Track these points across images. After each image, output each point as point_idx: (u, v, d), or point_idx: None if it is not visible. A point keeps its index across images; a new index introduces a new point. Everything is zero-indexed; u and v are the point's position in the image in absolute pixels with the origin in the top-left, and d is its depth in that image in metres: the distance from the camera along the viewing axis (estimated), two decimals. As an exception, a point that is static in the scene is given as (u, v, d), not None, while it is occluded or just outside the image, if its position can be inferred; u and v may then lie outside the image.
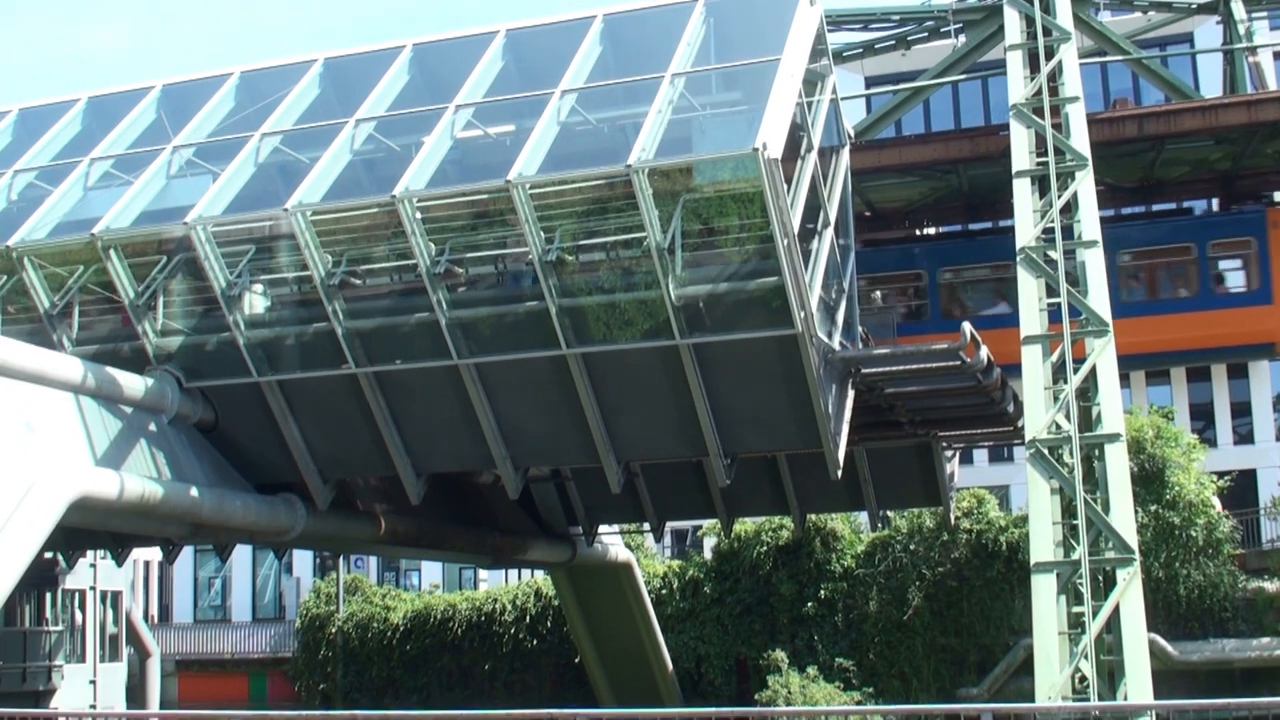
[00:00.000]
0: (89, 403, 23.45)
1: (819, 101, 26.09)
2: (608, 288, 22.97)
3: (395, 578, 64.81)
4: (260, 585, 66.80)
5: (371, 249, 24.41)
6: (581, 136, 24.23)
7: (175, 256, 25.04)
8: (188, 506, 24.16)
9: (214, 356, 25.26)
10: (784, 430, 24.60)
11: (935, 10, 35.84)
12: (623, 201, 22.02)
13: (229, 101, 28.01)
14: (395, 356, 24.38)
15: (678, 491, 34.92)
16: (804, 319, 22.02)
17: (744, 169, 21.34)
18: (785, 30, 24.08)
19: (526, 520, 36.59)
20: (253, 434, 26.01)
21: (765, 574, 49.94)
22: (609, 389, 23.88)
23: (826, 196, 25.85)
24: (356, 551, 50.72)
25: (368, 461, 26.46)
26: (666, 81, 23.32)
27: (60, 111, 30.01)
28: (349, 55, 28.28)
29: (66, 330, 25.78)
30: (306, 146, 25.52)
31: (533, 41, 26.73)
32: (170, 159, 26.62)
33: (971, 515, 48.55)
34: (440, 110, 24.67)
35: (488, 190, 22.78)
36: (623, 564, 42.50)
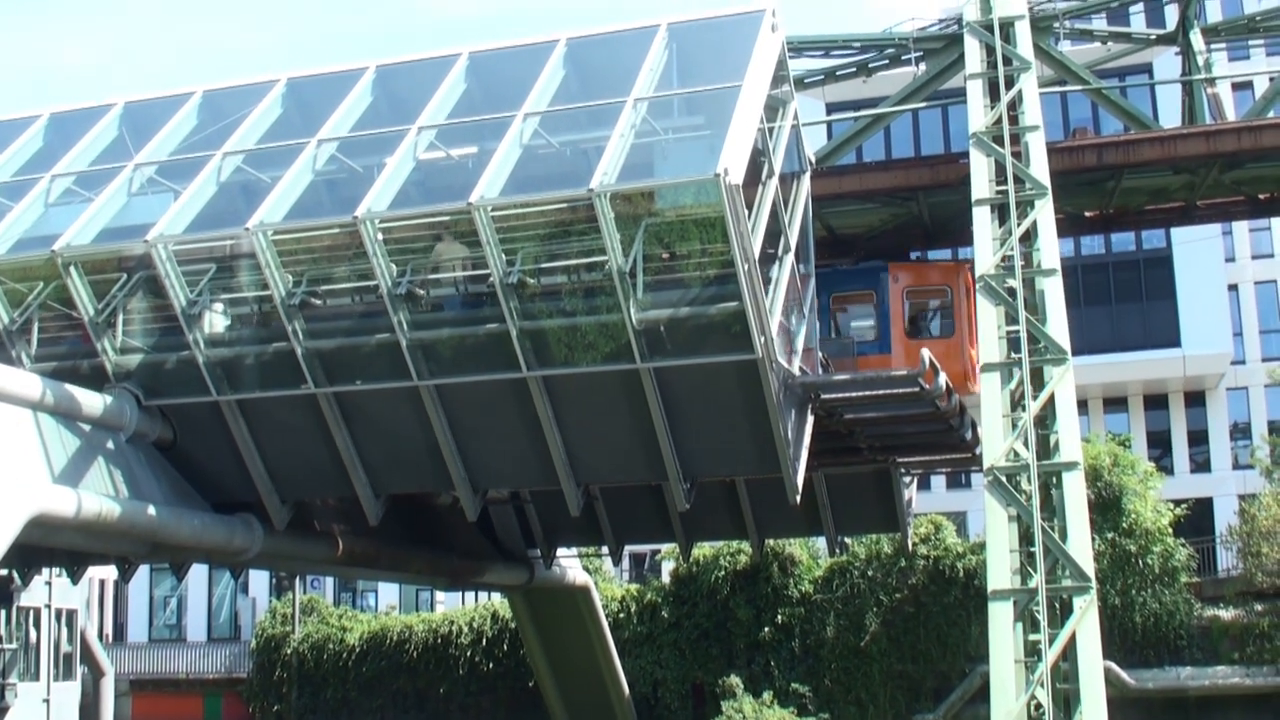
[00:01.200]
0: (47, 420, 23.32)
1: (780, 127, 26.20)
2: (569, 310, 22.98)
3: (352, 598, 64.68)
4: (216, 605, 66.59)
5: (333, 269, 24.36)
6: (544, 159, 24.28)
7: (135, 274, 24.92)
8: (145, 525, 24.03)
9: (173, 375, 25.16)
10: (743, 455, 24.64)
11: (896, 38, 35.97)
12: (585, 225, 22.04)
13: (191, 120, 27.92)
14: (355, 377, 24.33)
15: (637, 515, 34.94)
16: (764, 344, 22.08)
17: (705, 194, 21.40)
18: (747, 56, 24.19)
19: (484, 543, 36.55)
20: (211, 453, 25.90)
21: (723, 599, 50.11)
22: (569, 412, 23.87)
23: (787, 222, 25.94)
24: (313, 572, 50.57)
25: (326, 482, 26.37)
26: (629, 106, 23.39)
27: (21, 127, 29.83)
28: (312, 76, 28.24)
29: (25, 346, 25.63)
30: (268, 166, 25.47)
31: (496, 64, 26.73)
32: (132, 176, 26.51)
33: (929, 541, 48.88)
34: (403, 132, 24.66)
35: (450, 212, 22.76)
36: (580, 587, 42.47)
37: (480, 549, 36.18)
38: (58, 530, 22.78)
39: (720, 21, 26.25)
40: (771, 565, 49.80)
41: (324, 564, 31.65)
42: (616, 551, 37.82)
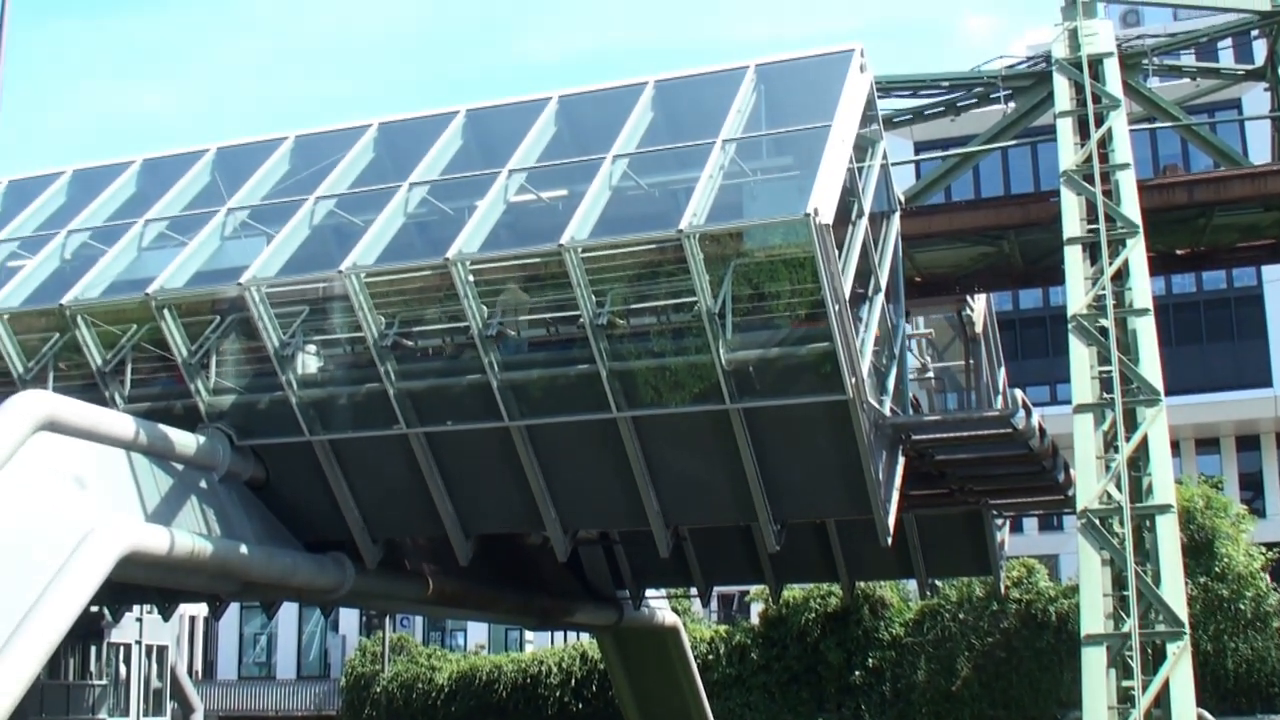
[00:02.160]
0: (140, 459, 23.61)
1: (870, 167, 26.16)
2: (658, 351, 22.99)
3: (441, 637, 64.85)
4: (305, 642, 66.97)
5: (424, 310, 24.55)
6: (633, 201, 24.34)
7: (229, 316, 25.22)
8: (237, 563, 24.25)
9: (266, 415, 25.42)
10: (834, 496, 24.51)
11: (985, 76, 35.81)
12: (674, 265, 22.07)
13: (284, 164, 28.28)
14: (446, 417, 24.46)
15: (726, 556, 34.81)
16: (855, 385, 21.96)
17: (795, 234, 21.37)
18: (836, 96, 24.19)
19: (574, 583, 36.55)
20: (303, 492, 26.12)
21: (813, 641, 49.77)
22: (659, 453, 23.86)
23: (877, 262, 25.87)
24: (403, 611, 50.78)
25: (417, 521, 26.50)
26: (718, 147, 23.42)
27: (114, 173, 30.34)
28: (403, 120, 28.54)
29: (119, 388, 25.98)
30: (361, 209, 25.72)
31: (585, 107, 26.91)
32: (225, 220, 26.87)
33: (1021, 585, 48.35)
34: (494, 175, 24.84)
35: (540, 254, 22.89)
36: (669, 628, 42.34)
37: (569, 589, 36.18)
38: (150, 568, 22.99)
39: (808, 62, 26.30)
40: (862, 608, 49.44)
41: (414, 603, 31.76)
42: (705, 593, 37.69)
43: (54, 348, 26.56)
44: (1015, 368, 46.21)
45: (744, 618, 58.67)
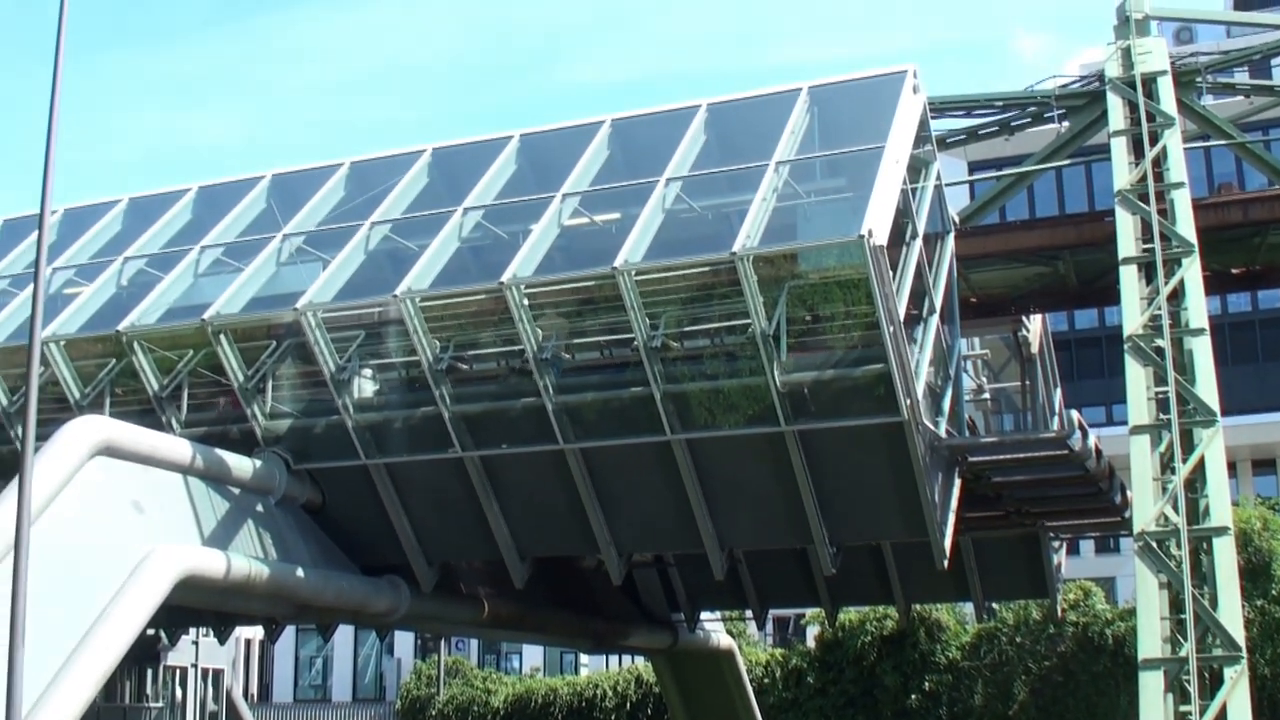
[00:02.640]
0: (197, 484, 23.76)
1: (923, 188, 26.10)
2: (712, 374, 23.00)
3: (496, 660, 64.85)
4: (361, 665, 67.09)
5: (479, 334, 24.64)
6: (686, 223, 24.36)
7: (285, 341, 25.40)
8: (293, 586, 24.36)
9: (322, 439, 25.54)
10: (890, 519, 24.41)
11: (1038, 96, 35.64)
12: (727, 288, 22.07)
13: (339, 191, 28.48)
14: (501, 441, 24.52)
15: (781, 578, 34.75)
16: (910, 406, 21.88)
17: (849, 255, 21.32)
18: (889, 117, 24.16)
19: (628, 605, 36.52)
20: (359, 516, 26.22)
21: (869, 664, 49.45)
22: (713, 475, 23.84)
23: (932, 283, 25.79)
24: (459, 633, 50.86)
25: (472, 545, 26.55)
26: (771, 169, 23.43)
27: (171, 200, 30.62)
28: (457, 145, 28.68)
29: (175, 412, 26.17)
30: (415, 234, 25.84)
31: (637, 130, 26.96)
32: (280, 246, 27.04)
33: (1078, 608, 47.94)
34: (547, 199, 24.92)
35: (594, 277, 22.92)
36: (725, 651, 42.22)
37: (624, 612, 36.15)
38: (206, 591, 23.16)
39: (861, 84, 26.27)
40: (919, 631, 49.12)
41: (469, 625, 31.82)
42: (761, 615, 37.60)
43: (111, 373, 26.80)
44: (1071, 388, 45.95)
45: (800, 641, 58.41)
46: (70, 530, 20.47)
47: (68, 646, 19.22)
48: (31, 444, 16.85)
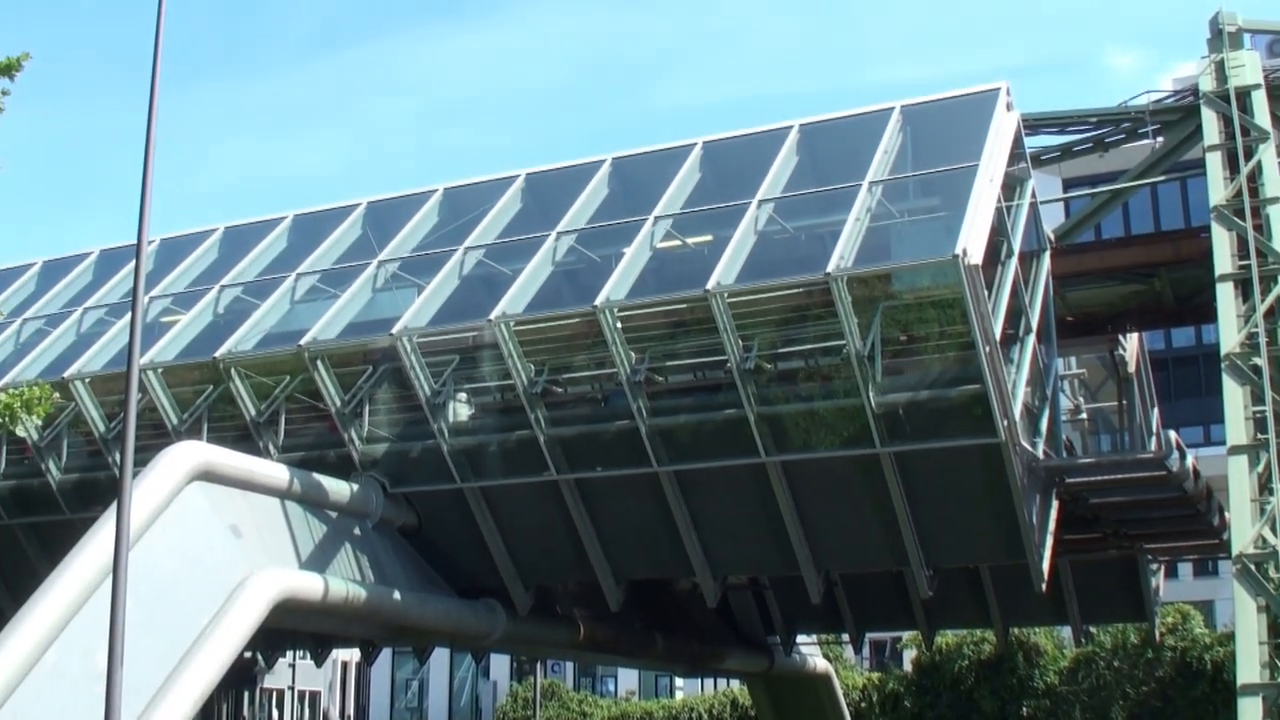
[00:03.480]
0: (294, 507, 23.94)
1: (1018, 205, 25.88)
2: (806, 395, 22.91)
3: (591, 683, 64.82)
4: (457, 688, 67.23)
5: (573, 357, 24.69)
6: (779, 245, 24.31)
7: (381, 366, 25.57)
8: (390, 609, 24.49)
9: (418, 463, 25.69)
10: (987, 541, 24.20)
11: (1132, 111, 35.25)
12: (821, 309, 22.00)
13: (433, 217, 28.68)
14: (596, 463, 24.54)
15: (878, 601, 34.51)
16: (1007, 427, 21.67)
17: (944, 275, 21.17)
18: (983, 135, 24.01)
19: (724, 628, 36.42)
20: (455, 539, 26.33)
21: (967, 689, 48.90)
22: (809, 497, 23.74)
23: (1028, 302, 25.57)
24: (555, 656, 50.95)
25: (568, 567, 26.60)
26: (864, 189, 23.34)
27: (267, 229, 30.98)
28: (549, 170, 28.84)
29: (272, 437, 26.41)
30: (509, 259, 25.98)
31: (730, 152, 26.98)
32: (376, 272, 27.25)
33: (1176, 632, 47.15)
34: (640, 222, 24.98)
35: (687, 299, 22.91)
36: (821, 675, 42.02)
37: (720, 635, 36.06)
38: (304, 614, 23.34)
39: (954, 102, 26.13)
40: (1016, 655, 48.56)
41: (565, 648, 31.86)
42: (857, 638, 37.37)
43: (208, 399, 27.12)
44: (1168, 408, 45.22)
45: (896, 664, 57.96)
46: (168, 554, 20.71)
47: (166, 669, 19.46)
48: (130, 469, 17.06)
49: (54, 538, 28.86)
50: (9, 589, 30.87)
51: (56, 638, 18.56)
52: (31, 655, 18.19)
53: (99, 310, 30.84)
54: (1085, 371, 35.63)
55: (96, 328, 30.14)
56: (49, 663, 18.35)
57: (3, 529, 30.62)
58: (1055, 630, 49.04)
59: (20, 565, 30.28)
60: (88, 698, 17.89)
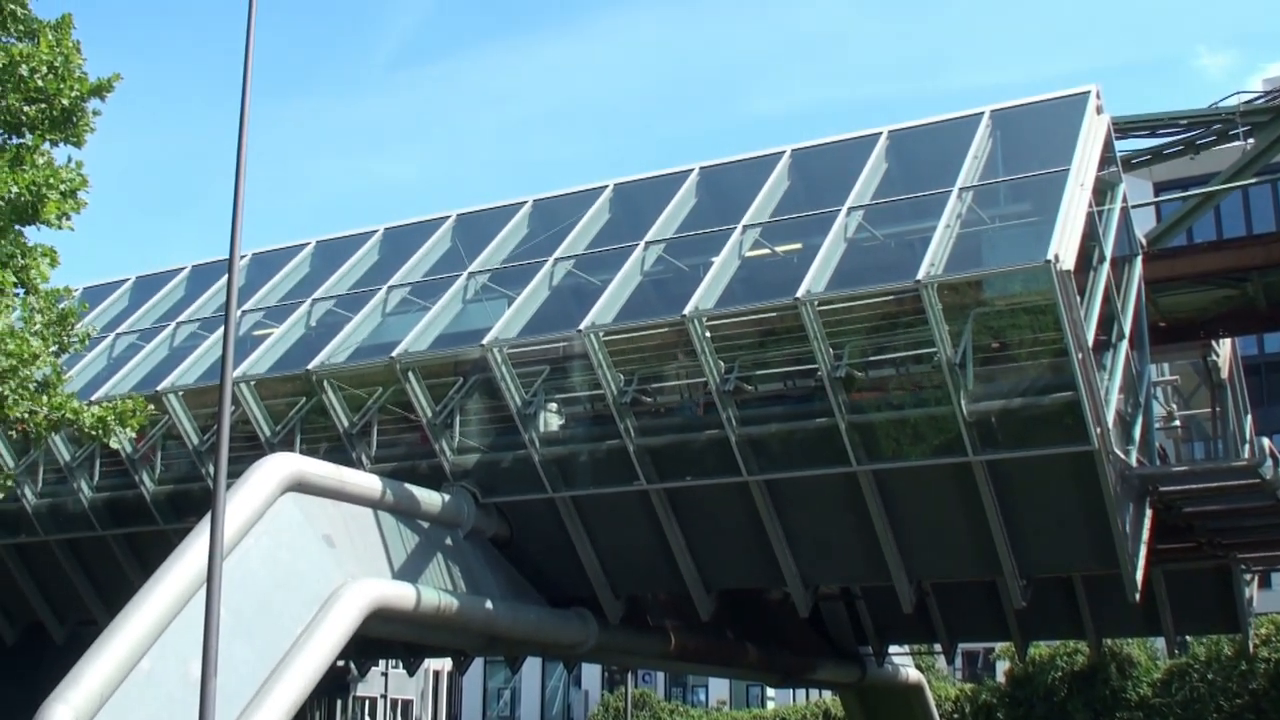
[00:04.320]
0: (387, 518, 24.10)
1: (1110, 210, 25.66)
2: (898, 404, 22.80)
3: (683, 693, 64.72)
4: (549, 697, 67.32)
5: (662, 367, 24.72)
6: (869, 252, 24.22)
7: (472, 377, 25.72)
8: (483, 619, 24.61)
9: (509, 473, 25.79)
10: (1080, 550, 23.92)
11: (1223, 113, 34.88)
12: (912, 316, 21.90)
13: (522, 228, 28.84)
14: (686, 473, 24.55)
15: (971, 611, 34.26)
16: (1100, 435, 21.47)
17: (1036, 282, 21.02)
18: (1073, 139, 23.82)
19: (816, 638, 36.30)
20: (546, 549, 26.41)
21: (1060, 701, 48.30)
22: (900, 506, 23.62)
23: (1120, 307, 25.34)
24: (646, 666, 50.94)
25: (658, 577, 26.60)
26: (954, 195, 23.22)
27: (357, 243, 31.27)
28: (637, 180, 28.92)
29: (365, 448, 26.61)
30: (598, 269, 26.05)
31: (818, 159, 26.93)
32: (466, 284, 27.41)
33: (1270, 643, 46.38)
34: (728, 230, 24.98)
35: (776, 308, 22.87)
36: (914, 686, 41.78)
37: (812, 645, 35.94)
38: (397, 624, 23.55)
39: (1044, 106, 25.94)
40: (1109, 666, 47.96)
41: (657, 658, 31.86)
42: (950, 649, 37.10)
43: (301, 411, 27.37)
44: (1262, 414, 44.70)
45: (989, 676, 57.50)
46: (262, 564, 20.93)
47: (260, 677, 19.66)
48: (224, 481, 17.27)
49: (148, 548, 29.30)
50: (103, 600, 31.31)
51: (151, 646, 18.77)
52: (126, 663, 18.41)
53: (192, 324, 31.24)
54: (1178, 378, 35.23)
55: (189, 342, 30.53)
56: (144, 671, 18.57)
57: (97, 540, 31.08)
58: (1148, 641, 48.46)
59: (114, 576, 30.72)
60: (182, 706, 18.13)
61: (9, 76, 17.92)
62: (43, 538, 31.67)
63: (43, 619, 33.74)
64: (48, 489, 31.42)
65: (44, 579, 33.12)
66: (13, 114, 18.11)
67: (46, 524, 31.46)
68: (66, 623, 33.77)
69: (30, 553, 32.63)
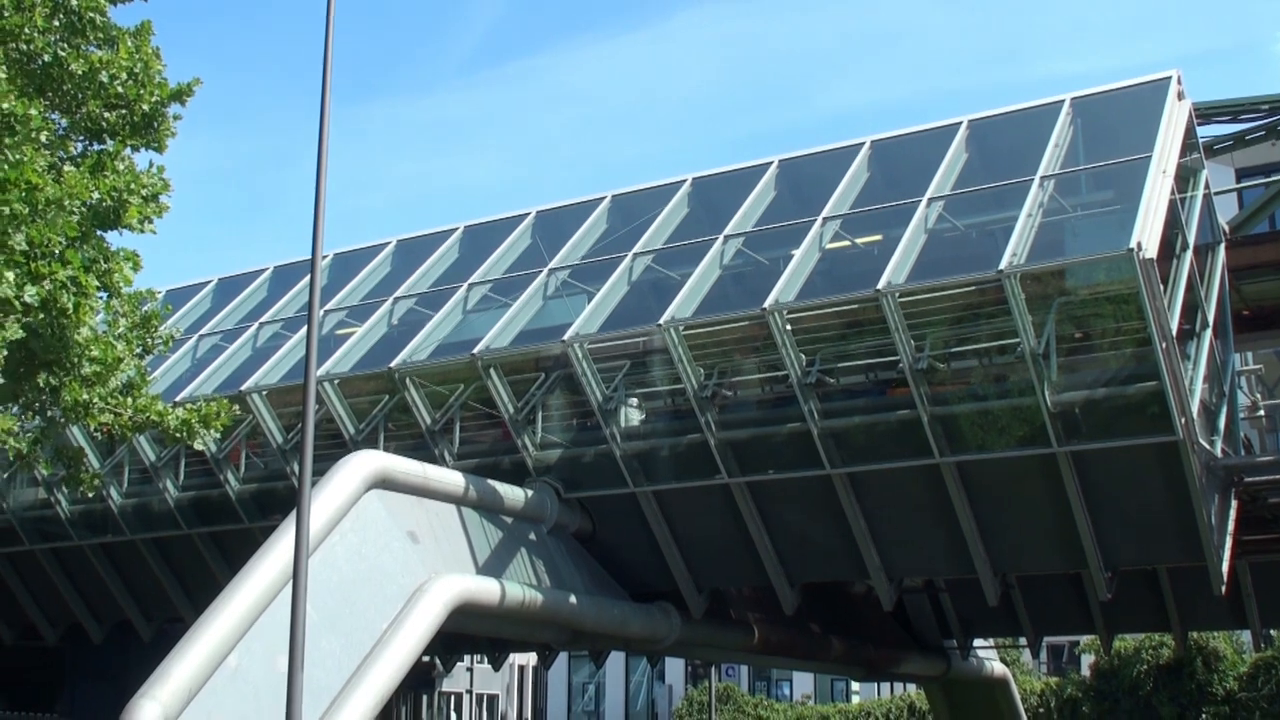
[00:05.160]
0: (470, 514, 24.25)
1: (1192, 197, 25.41)
2: (980, 395, 22.68)
3: (767, 687, 64.58)
4: (633, 691, 67.40)
5: (742, 361, 24.71)
6: (950, 243, 24.11)
7: (553, 373, 25.82)
8: (567, 613, 24.72)
9: (591, 468, 25.88)
10: (1165, 542, 23.72)
11: (1305, 98, 34.44)
12: (994, 307, 21.79)
13: (601, 224, 28.90)
14: (767, 466, 24.54)
15: (1056, 605, 33.98)
16: (1185, 425, 21.26)
17: (1119, 270, 20.85)
18: (1155, 126, 23.60)
19: (900, 632, 36.17)
20: (628, 543, 26.48)
21: (1145, 695, 47.89)
22: (984, 498, 23.50)
23: (1204, 296, 25.08)
24: (729, 660, 50.90)
25: (741, 570, 26.60)
26: (1035, 184, 23.07)
27: (437, 241, 31.43)
28: (716, 174, 28.91)
29: (448, 445, 26.76)
30: (677, 264, 26.08)
31: (898, 150, 26.83)
32: (546, 281, 27.52)
33: (1355, 637, 45.76)
34: (808, 223, 24.94)
35: (857, 300, 22.82)
36: (999, 680, 41.52)
37: (896, 639, 35.82)
38: (481, 619, 23.66)
39: (1125, 93, 25.71)
40: (1195, 660, 47.52)
41: (740, 652, 31.85)
42: (1035, 643, 36.85)
43: (384, 409, 27.55)
44: (1347, 404, 43.93)
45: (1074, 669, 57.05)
46: (347, 560, 21.11)
47: (346, 672, 19.85)
48: (308, 479, 17.46)
49: (233, 546, 29.63)
50: (190, 597, 31.68)
51: (238, 642, 18.96)
52: (213, 659, 18.60)
53: (274, 325, 31.53)
54: (1262, 367, 34.80)
55: (272, 342, 30.83)
56: (230, 666, 18.76)
57: (183, 539, 31.46)
58: (1235, 635, 47.97)
59: (200, 574, 31.11)
60: (269, 700, 18.31)
61: (89, 83, 18.13)
62: (129, 537, 32.07)
63: (130, 617, 34.16)
64: (133, 489, 31.83)
65: (130, 578, 33.55)
66: (93, 120, 18.31)
67: (132, 523, 31.87)
68: (154, 621, 34.19)
69: (117, 552, 33.06)
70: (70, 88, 17.94)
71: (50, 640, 37.23)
